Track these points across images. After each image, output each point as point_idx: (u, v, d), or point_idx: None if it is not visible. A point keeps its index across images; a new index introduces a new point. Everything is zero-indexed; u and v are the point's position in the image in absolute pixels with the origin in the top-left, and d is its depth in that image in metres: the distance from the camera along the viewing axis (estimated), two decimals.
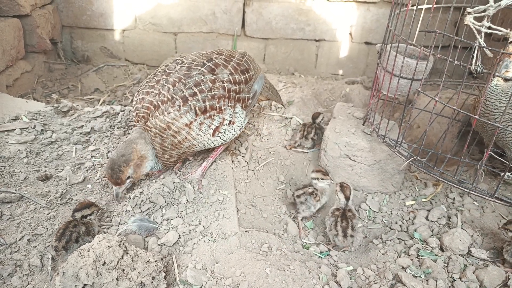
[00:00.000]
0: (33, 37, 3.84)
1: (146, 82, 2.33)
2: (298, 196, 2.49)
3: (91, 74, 4.27)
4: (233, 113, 2.33)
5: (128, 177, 2.20)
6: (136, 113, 2.27)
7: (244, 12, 4.36)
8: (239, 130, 2.46)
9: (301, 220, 2.52)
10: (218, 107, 2.24)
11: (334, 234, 2.33)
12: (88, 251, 1.68)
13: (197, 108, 2.17)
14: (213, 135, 2.29)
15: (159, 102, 2.17)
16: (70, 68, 4.39)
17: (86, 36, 4.48)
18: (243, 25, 4.44)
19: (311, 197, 2.47)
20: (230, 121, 2.34)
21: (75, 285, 1.62)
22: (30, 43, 3.85)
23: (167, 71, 2.29)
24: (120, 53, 4.55)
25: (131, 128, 2.91)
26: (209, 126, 2.24)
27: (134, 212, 2.24)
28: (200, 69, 2.25)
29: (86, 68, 4.39)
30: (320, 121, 3.06)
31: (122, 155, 2.15)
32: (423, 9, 2.44)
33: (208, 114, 2.21)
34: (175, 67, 2.29)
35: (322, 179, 2.51)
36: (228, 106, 2.30)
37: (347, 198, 2.38)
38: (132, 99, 3.97)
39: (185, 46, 4.51)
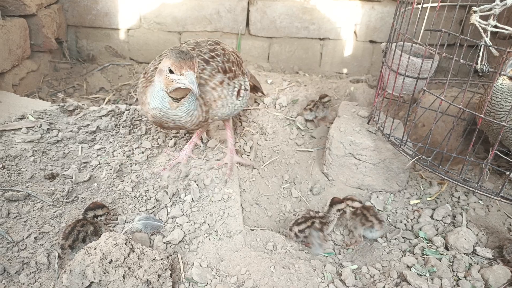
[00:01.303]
0: (38, 36, 3.86)
1: (152, 63, 2.37)
2: (301, 231, 2.27)
3: (96, 73, 4.29)
4: (245, 81, 2.51)
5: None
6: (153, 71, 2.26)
7: (248, 11, 4.36)
8: (247, 100, 2.60)
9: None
10: (234, 71, 2.39)
11: (369, 226, 2.31)
12: (95, 249, 1.70)
13: (219, 68, 2.28)
14: (237, 97, 2.40)
15: None
16: (76, 67, 4.41)
17: (91, 35, 4.50)
18: (247, 24, 4.44)
19: (317, 233, 2.26)
20: (245, 88, 2.50)
21: (82, 283, 1.63)
22: (36, 42, 3.87)
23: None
24: (125, 52, 4.56)
25: (137, 127, 2.92)
26: (234, 88, 2.37)
27: (139, 211, 2.26)
28: (207, 42, 2.42)
29: (91, 67, 4.40)
30: (326, 102, 3.28)
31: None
32: (428, 8, 2.43)
33: (228, 74, 2.34)
34: (180, 46, 2.41)
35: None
36: (239, 73, 2.46)
37: None
38: (137, 98, 3.99)
39: None
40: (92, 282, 1.64)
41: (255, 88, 3.15)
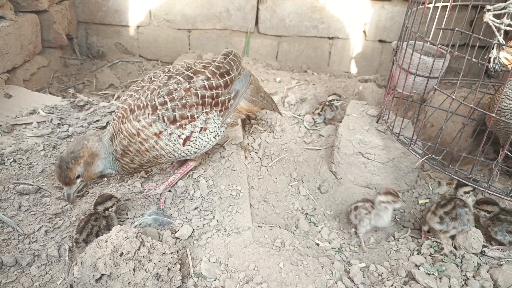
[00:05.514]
0: (50, 32, 3.90)
1: (135, 85, 2.28)
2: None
3: (105, 70, 4.32)
4: (207, 119, 2.25)
5: (78, 176, 2.09)
6: (115, 113, 2.20)
7: (258, 9, 4.37)
8: (213, 137, 2.33)
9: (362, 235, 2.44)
10: (190, 116, 2.16)
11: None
12: (106, 241, 1.71)
13: (165, 118, 2.10)
14: (183, 144, 2.21)
15: (135, 107, 2.12)
16: (85, 64, 4.44)
17: (101, 32, 4.53)
18: (256, 22, 4.45)
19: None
20: (201, 128, 2.24)
21: (93, 275, 1.65)
22: (47, 38, 3.91)
23: (153, 78, 2.25)
24: (134, 49, 4.59)
25: None
26: (179, 136, 2.17)
27: (149, 206, 2.27)
28: (177, 78, 2.20)
29: (101, 64, 4.44)
30: (331, 100, 3.27)
31: (72, 152, 2.05)
32: (439, 8, 2.42)
33: (178, 123, 2.14)
34: (160, 75, 2.24)
35: (393, 201, 2.37)
36: (203, 112, 2.22)
37: None
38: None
39: (199, 43, 4.53)
40: (103, 275, 1.66)
41: (264, 109, 2.80)
